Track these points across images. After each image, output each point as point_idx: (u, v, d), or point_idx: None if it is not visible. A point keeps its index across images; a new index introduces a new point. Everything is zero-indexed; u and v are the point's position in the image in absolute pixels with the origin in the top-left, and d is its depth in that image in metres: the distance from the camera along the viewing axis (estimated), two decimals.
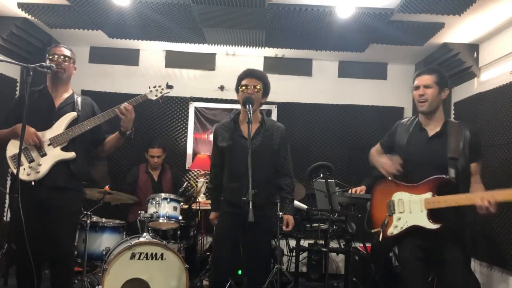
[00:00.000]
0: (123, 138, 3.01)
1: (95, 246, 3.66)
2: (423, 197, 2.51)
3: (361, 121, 5.39)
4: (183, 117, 5.44)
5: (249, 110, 2.64)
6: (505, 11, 3.65)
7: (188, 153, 5.39)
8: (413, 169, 2.61)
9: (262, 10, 3.91)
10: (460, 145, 2.52)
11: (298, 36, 4.55)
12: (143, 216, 3.55)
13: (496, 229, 3.83)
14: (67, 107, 2.96)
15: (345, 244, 4.08)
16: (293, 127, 5.37)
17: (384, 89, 5.48)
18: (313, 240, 4.78)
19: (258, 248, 2.81)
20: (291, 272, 4.42)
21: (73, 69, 3.02)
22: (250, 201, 2.35)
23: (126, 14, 4.14)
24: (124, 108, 2.89)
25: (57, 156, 2.83)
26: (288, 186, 2.99)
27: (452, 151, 2.51)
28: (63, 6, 4.05)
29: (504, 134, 3.79)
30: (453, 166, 2.48)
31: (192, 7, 3.91)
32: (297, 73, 5.51)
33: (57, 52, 2.93)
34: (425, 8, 3.66)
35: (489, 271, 4.01)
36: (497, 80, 4.08)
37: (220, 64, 5.48)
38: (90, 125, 2.90)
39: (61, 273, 2.95)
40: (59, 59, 2.90)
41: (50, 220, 2.82)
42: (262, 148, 2.86)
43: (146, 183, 4.61)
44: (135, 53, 5.46)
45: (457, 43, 4.45)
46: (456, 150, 2.51)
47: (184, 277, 3.30)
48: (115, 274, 3.19)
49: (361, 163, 5.27)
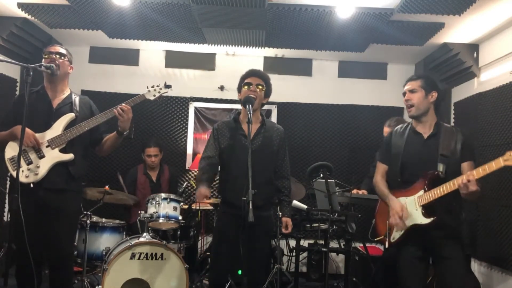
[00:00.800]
0: (120, 138, 3.01)
1: (95, 246, 3.65)
2: (416, 196, 2.58)
3: (361, 121, 5.40)
4: (183, 117, 5.44)
5: (249, 110, 2.65)
6: (505, 11, 3.65)
7: (188, 153, 5.39)
8: (410, 171, 2.65)
9: (262, 10, 3.91)
10: (451, 144, 2.59)
11: (298, 36, 4.55)
12: (143, 216, 3.55)
13: (496, 229, 3.84)
14: (65, 108, 2.95)
15: (345, 244, 4.08)
16: (293, 127, 5.37)
17: (384, 89, 5.48)
18: (313, 240, 4.79)
19: (258, 248, 2.80)
20: (291, 272, 4.42)
21: (69, 67, 3.01)
22: (250, 201, 2.35)
23: (126, 14, 4.14)
24: (121, 108, 2.89)
25: (55, 157, 2.83)
26: (286, 188, 3.00)
27: (443, 148, 2.58)
28: (63, 6, 4.05)
29: (504, 134, 3.79)
30: (443, 162, 2.54)
31: (192, 7, 3.91)
32: (297, 73, 5.51)
33: (51, 50, 2.94)
34: (425, 8, 3.66)
35: (489, 271, 4.01)
36: (497, 80, 4.08)
37: (220, 64, 5.48)
38: (89, 126, 2.89)
39: (60, 274, 2.94)
40: (53, 56, 2.90)
41: (50, 221, 2.82)
42: (262, 149, 2.86)
43: (145, 184, 4.60)
44: (135, 53, 5.46)
45: (457, 43, 4.45)
46: (447, 148, 2.57)
47: (184, 277, 3.30)
48: (115, 274, 3.19)
49: (361, 163, 5.28)
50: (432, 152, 2.60)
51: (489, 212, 3.96)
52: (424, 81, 2.71)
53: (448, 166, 2.54)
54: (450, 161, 2.55)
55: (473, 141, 2.86)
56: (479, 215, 4.10)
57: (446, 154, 2.55)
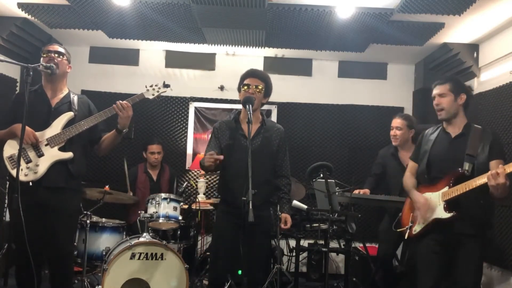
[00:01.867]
0: (120, 136, 3.01)
1: (95, 246, 3.65)
2: (440, 192, 2.64)
3: (361, 121, 5.39)
4: (183, 117, 5.44)
5: (249, 110, 2.65)
6: (505, 11, 3.65)
7: (188, 153, 5.39)
8: (437, 168, 2.73)
9: (262, 10, 3.91)
10: (479, 144, 2.64)
11: (298, 36, 4.55)
12: (143, 216, 3.55)
13: (496, 229, 3.83)
14: (63, 107, 2.96)
15: (345, 244, 4.08)
16: (293, 127, 5.37)
17: (384, 89, 5.48)
18: (313, 240, 4.79)
19: (257, 248, 2.80)
20: (291, 272, 4.42)
21: (67, 66, 3.01)
22: (250, 201, 2.35)
23: (126, 14, 4.14)
24: (121, 104, 2.89)
25: (54, 156, 2.83)
26: (285, 186, 3.02)
27: (470, 148, 2.64)
28: (63, 6, 4.05)
29: (504, 134, 3.79)
30: (469, 161, 2.60)
31: (192, 7, 3.91)
32: (297, 73, 5.51)
33: (50, 49, 2.95)
34: (425, 8, 3.66)
35: (489, 271, 4.00)
36: (497, 80, 4.08)
37: (220, 64, 5.48)
38: (87, 124, 2.90)
39: (60, 273, 2.95)
40: (52, 55, 2.91)
41: (49, 220, 2.82)
42: (262, 149, 2.87)
43: (145, 183, 4.60)
44: (135, 53, 5.46)
45: (457, 43, 4.45)
46: (474, 148, 2.63)
47: (184, 277, 3.30)
48: (115, 274, 3.18)
49: (361, 163, 5.28)
50: (459, 151, 2.66)
51: None
52: (452, 84, 2.77)
53: (474, 165, 2.59)
54: (476, 161, 2.60)
55: (501, 139, 2.94)
56: None
57: (473, 154, 2.61)
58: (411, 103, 5.38)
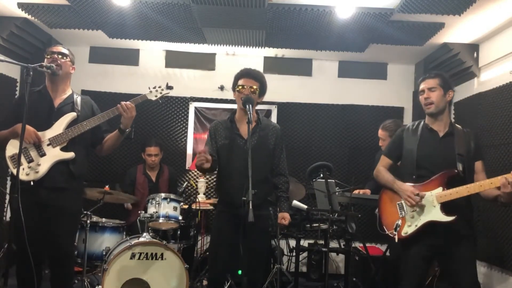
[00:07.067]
0: (122, 136, 3.01)
1: (95, 246, 3.65)
2: (434, 193, 2.59)
3: (361, 121, 5.39)
4: (183, 117, 5.44)
5: (249, 110, 2.64)
6: (505, 11, 3.65)
7: (188, 153, 5.39)
8: (426, 168, 2.68)
9: (262, 10, 3.91)
10: (466, 144, 2.64)
11: (298, 36, 4.55)
12: (143, 216, 3.55)
13: (496, 229, 3.83)
14: (66, 107, 2.96)
15: (345, 244, 4.08)
16: (293, 127, 5.37)
17: (384, 89, 5.48)
18: (313, 240, 4.78)
19: (257, 248, 2.79)
20: (291, 272, 4.42)
21: (71, 68, 3.02)
22: (250, 201, 2.35)
23: (126, 14, 4.14)
24: (125, 105, 2.90)
25: (56, 156, 2.83)
26: (283, 185, 3.00)
27: (459, 148, 2.63)
28: (63, 6, 4.05)
29: (504, 134, 3.79)
30: (461, 161, 2.59)
31: (192, 7, 3.91)
32: (297, 73, 5.51)
33: (53, 50, 2.96)
34: (425, 8, 3.66)
35: (489, 271, 4.00)
36: (497, 80, 4.08)
37: (220, 64, 5.48)
38: (90, 125, 2.90)
39: (61, 273, 2.95)
40: (55, 56, 2.91)
41: (50, 220, 2.82)
42: (258, 148, 2.86)
43: (143, 184, 4.60)
44: (135, 53, 5.46)
45: (457, 43, 4.45)
46: (463, 148, 2.63)
47: (184, 277, 3.30)
48: (115, 274, 3.19)
49: (361, 163, 5.28)
50: (449, 151, 2.64)
51: (489, 212, 3.96)
52: (442, 79, 2.74)
53: (464, 165, 2.59)
54: (465, 160, 2.60)
55: (480, 140, 2.98)
56: (479, 215, 4.09)
57: (463, 153, 2.61)
58: (411, 103, 5.38)
